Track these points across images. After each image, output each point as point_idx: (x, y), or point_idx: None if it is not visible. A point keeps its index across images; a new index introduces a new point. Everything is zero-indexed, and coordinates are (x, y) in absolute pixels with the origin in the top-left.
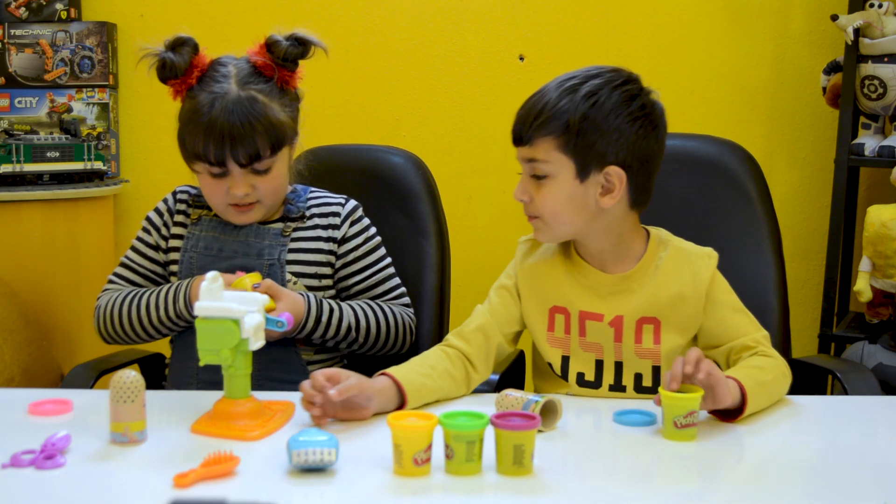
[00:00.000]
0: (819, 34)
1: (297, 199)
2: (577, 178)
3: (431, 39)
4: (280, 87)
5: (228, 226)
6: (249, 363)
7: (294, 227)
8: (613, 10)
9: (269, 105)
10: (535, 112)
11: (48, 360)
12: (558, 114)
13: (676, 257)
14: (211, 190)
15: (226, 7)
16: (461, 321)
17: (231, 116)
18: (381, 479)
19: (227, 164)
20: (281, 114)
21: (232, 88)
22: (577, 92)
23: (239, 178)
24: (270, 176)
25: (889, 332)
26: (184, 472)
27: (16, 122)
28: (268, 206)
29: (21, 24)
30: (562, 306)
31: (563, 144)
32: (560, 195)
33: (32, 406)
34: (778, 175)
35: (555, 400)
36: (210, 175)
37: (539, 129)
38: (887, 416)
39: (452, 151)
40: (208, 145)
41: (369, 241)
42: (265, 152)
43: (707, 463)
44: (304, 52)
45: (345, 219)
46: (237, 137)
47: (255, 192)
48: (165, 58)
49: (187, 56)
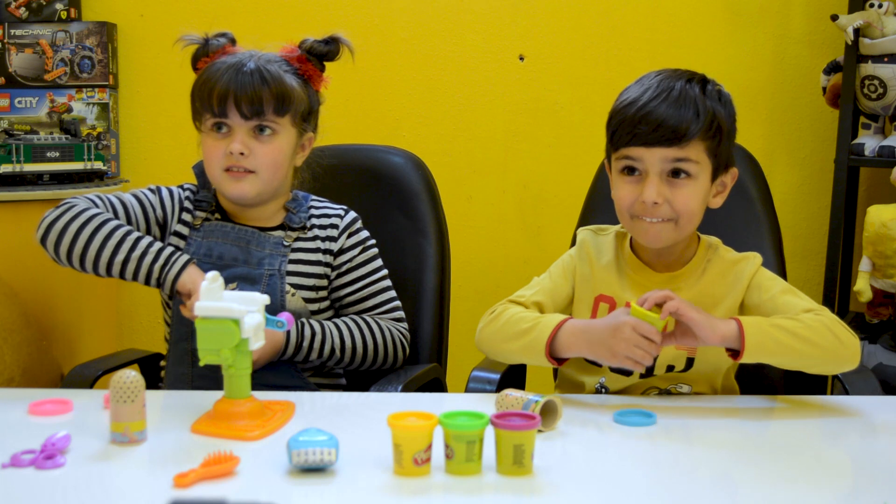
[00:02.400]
0: (819, 34)
1: (299, 208)
2: (711, 178)
3: (431, 39)
4: (302, 78)
5: (230, 231)
6: (250, 363)
7: (296, 237)
8: (613, 10)
9: (285, 74)
10: (686, 115)
11: (48, 360)
12: (708, 117)
13: (722, 264)
14: (211, 152)
15: (226, 7)
16: (461, 321)
17: (242, 68)
18: (381, 479)
19: (229, 115)
20: (296, 87)
21: (253, 57)
22: (708, 95)
23: (239, 134)
24: (271, 145)
25: (889, 332)
26: (184, 472)
27: (16, 122)
28: (263, 181)
29: (21, 24)
30: (608, 295)
31: (710, 147)
32: (700, 195)
33: (32, 406)
34: (778, 175)
35: (555, 400)
36: (213, 130)
37: (696, 133)
38: (887, 416)
39: (452, 151)
40: (213, 89)
41: (365, 253)
42: (268, 110)
43: (707, 463)
44: (330, 52)
45: (343, 230)
46: (244, 88)
47: (253, 158)
48: (202, 41)
49: (222, 44)
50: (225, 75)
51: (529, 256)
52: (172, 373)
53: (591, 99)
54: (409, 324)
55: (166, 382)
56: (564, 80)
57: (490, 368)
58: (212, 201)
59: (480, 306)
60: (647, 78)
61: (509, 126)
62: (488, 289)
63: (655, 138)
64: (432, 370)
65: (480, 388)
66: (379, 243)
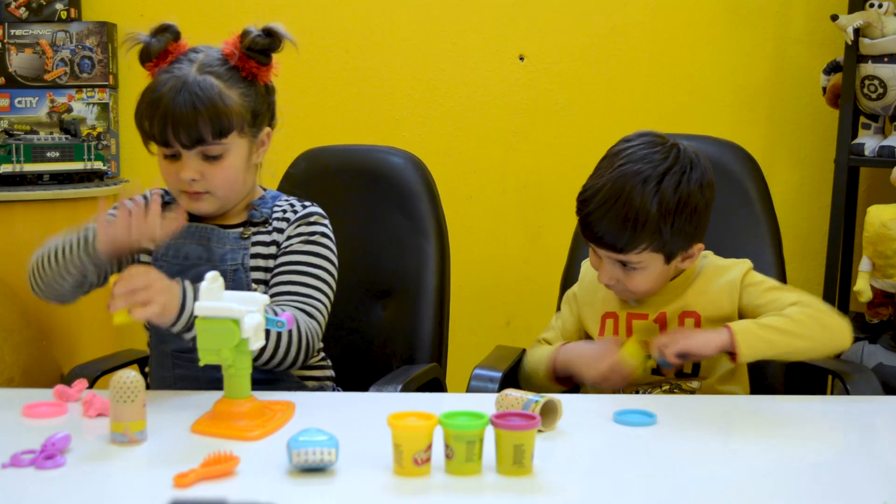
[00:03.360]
0: (819, 34)
1: (263, 204)
2: (665, 262)
3: (431, 39)
4: (245, 78)
5: (192, 231)
6: (250, 363)
7: (254, 230)
8: (613, 10)
9: (224, 92)
10: (625, 231)
11: (48, 360)
12: (651, 231)
13: (714, 269)
14: (166, 172)
15: (225, 7)
16: (461, 321)
17: (176, 97)
18: (381, 479)
19: (172, 145)
20: (235, 101)
21: (191, 72)
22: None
23: (188, 161)
24: (222, 165)
25: (889, 332)
26: (184, 472)
27: (16, 122)
28: (220, 199)
29: (21, 24)
30: (612, 311)
31: (656, 248)
32: (651, 278)
33: (27, 408)
34: (778, 175)
35: (555, 400)
36: (163, 156)
37: (636, 246)
38: (887, 416)
39: (452, 151)
40: (153, 124)
41: (308, 245)
42: (207, 136)
43: (707, 463)
44: (272, 45)
45: (296, 220)
46: (179, 119)
47: (205, 181)
48: (145, 41)
49: (164, 42)
50: (160, 104)
51: (529, 256)
52: (155, 376)
53: (591, 99)
54: (410, 324)
55: (151, 386)
56: (564, 80)
57: (492, 367)
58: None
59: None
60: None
61: (509, 126)
62: (488, 289)
63: (599, 244)
64: (432, 370)
65: (482, 387)
66: (379, 243)
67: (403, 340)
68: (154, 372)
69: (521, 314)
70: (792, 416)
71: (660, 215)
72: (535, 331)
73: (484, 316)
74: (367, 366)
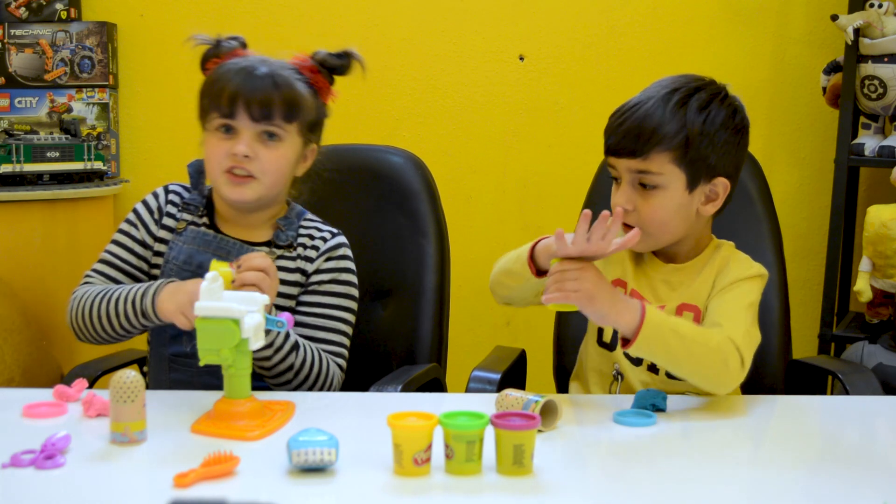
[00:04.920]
0: (819, 34)
1: (289, 226)
2: (687, 188)
3: (431, 39)
4: (312, 88)
5: (212, 241)
6: (250, 363)
7: (280, 254)
8: (613, 10)
9: (296, 82)
10: (648, 128)
11: (48, 360)
12: (674, 129)
13: (722, 262)
14: (214, 151)
15: (225, 7)
16: (461, 321)
17: (254, 71)
18: (381, 479)
19: (237, 116)
20: (305, 93)
21: (264, 63)
22: (688, 106)
23: (246, 136)
24: (277, 151)
25: (889, 332)
26: (184, 472)
27: (16, 122)
28: (264, 187)
29: (21, 24)
30: (623, 280)
31: (677, 158)
32: (670, 206)
33: (27, 408)
34: (778, 175)
35: (555, 400)
36: (218, 130)
37: (655, 145)
38: (887, 416)
39: (452, 151)
40: (224, 89)
41: (335, 285)
42: (278, 112)
43: (707, 463)
44: (342, 66)
45: (323, 252)
46: (255, 90)
47: (257, 162)
48: (216, 41)
49: (234, 46)
50: (237, 77)
51: None
52: (152, 378)
53: (591, 99)
54: (410, 323)
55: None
56: (564, 80)
57: (490, 368)
58: (200, 205)
59: (480, 306)
60: (650, 86)
61: (509, 126)
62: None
63: (619, 149)
64: (432, 370)
65: (480, 388)
66: (379, 243)
67: (403, 340)
68: (151, 374)
69: (520, 314)
70: (792, 416)
71: (683, 124)
72: (536, 331)
73: (484, 316)
74: (366, 365)
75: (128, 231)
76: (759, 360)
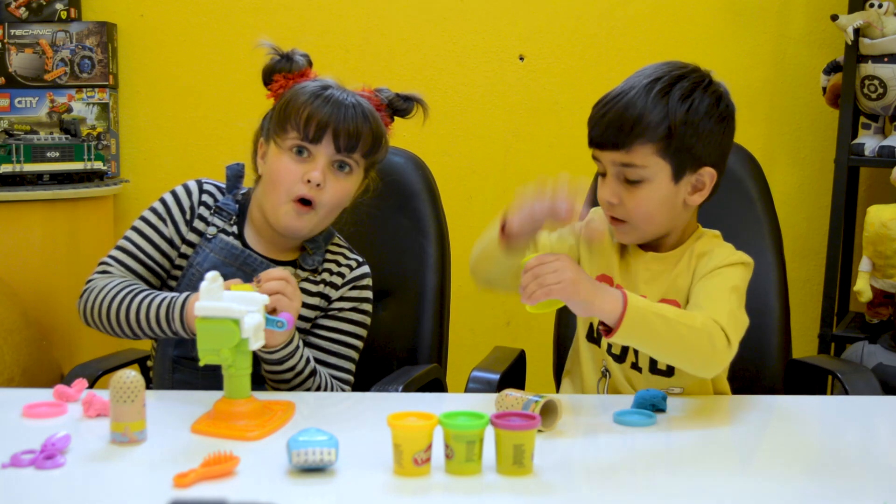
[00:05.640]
0: (819, 34)
1: (317, 249)
2: (673, 179)
3: (431, 39)
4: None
5: (239, 255)
6: (250, 363)
7: (305, 276)
8: (613, 10)
9: (381, 119)
10: (630, 119)
11: (48, 360)
12: (656, 120)
13: (702, 248)
14: (288, 171)
15: (225, 7)
16: (461, 321)
17: (344, 100)
18: (381, 479)
19: (321, 142)
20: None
21: (345, 92)
22: (671, 96)
23: (322, 161)
24: (343, 183)
25: (889, 332)
26: (184, 472)
27: (16, 122)
28: (319, 218)
29: (21, 24)
30: (608, 275)
31: (661, 149)
32: (655, 198)
33: (27, 408)
34: (778, 175)
35: (555, 400)
36: (292, 150)
37: (637, 137)
38: (887, 416)
39: (452, 151)
40: (314, 116)
41: (354, 313)
42: (363, 146)
43: (706, 463)
44: (405, 109)
45: (348, 281)
46: (346, 119)
47: (323, 192)
48: (289, 55)
49: (304, 63)
50: (326, 105)
51: None
52: (157, 378)
53: (591, 99)
54: (410, 324)
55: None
56: (564, 80)
57: (490, 368)
58: (234, 212)
59: (480, 306)
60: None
61: (509, 126)
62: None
63: (601, 141)
64: (432, 370)
65: (480, 389)
66: (379, 243)
67: (403, 340)
68: (156, 374)
69: (520, 314)
70: (792, 416)
71: (666, 114)
72: (535, 331)
73: (483, 316)
74: (367, 366)
75: (155, 225)
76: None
